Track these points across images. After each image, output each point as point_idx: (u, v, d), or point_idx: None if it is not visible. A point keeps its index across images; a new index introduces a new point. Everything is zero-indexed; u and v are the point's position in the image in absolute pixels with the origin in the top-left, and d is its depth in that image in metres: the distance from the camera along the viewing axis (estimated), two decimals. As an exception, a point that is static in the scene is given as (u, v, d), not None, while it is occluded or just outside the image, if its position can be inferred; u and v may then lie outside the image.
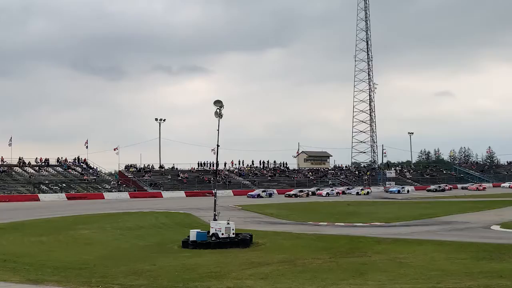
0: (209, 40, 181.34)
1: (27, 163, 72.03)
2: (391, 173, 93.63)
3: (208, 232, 21.63)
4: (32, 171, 70.58)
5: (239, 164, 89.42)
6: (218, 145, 23.61)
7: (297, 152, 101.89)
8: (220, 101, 22.87)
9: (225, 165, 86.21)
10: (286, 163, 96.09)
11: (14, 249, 20.92)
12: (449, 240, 22.11)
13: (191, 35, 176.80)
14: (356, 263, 16.48)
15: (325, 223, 31.44)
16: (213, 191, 25.36)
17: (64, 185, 66.86)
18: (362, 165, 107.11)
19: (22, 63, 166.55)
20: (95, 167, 76.94)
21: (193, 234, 21.12)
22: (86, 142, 76.60)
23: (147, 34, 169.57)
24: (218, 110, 22.80)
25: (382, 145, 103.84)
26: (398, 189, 75.28)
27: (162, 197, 67.29)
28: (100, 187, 69.45)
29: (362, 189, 73.77)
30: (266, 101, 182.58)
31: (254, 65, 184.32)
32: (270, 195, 65.90)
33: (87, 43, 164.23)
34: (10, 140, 71.67)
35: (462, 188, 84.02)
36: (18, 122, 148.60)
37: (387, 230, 27.72)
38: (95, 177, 73.43)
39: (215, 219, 22.51)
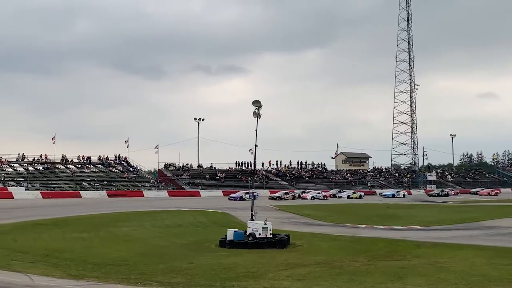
0: (247, 40, 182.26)
1: (69, 160, 73.81)
2: (432, 176, 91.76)
3: (245, 232, 21.66)
4: (75, 168, 72.29)
5: (277, 164, 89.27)
6: (256, 145, 23.57)
7: (335, 153, 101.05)
8: (258, 101, 22.84)
9: (262, 165, 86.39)
10: (324, 164, 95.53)
11: (56, 244, 21.40)
12: (491, 245, 21.54)
13: (229, 35, 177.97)
14: (394, 266, 16.22)
15: (364, 226, 31.07)
16: (251, 191, 25.40)
17: (105, 182, 68.23)
18: (402, 167, 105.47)
19: (66, 63, 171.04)
20: (135, 165, 78.23)
21: (230, 234, 21.19)
22: (127, 141, 78.02)
23: (186, 35, 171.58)
24: (256, 110, 22.77)
25: (423, 147, 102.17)
26: (393, 193, 73.16)
27: (200, 196, 67.82)
28: (139, 185, 70.61)
29: (354, 192, 70.67)
30: (305, 101, 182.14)
31: (292, 65, 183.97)
32: (254, 197, 63.50)
33: (127, 43, 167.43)
34: (54, 138, 73.57)
35: (471, 193, 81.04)
36: (62, 121, 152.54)
37: (427, 233, 27.21)
38: (135, 175, 74.68)
39: (252, 219, 22.51)
